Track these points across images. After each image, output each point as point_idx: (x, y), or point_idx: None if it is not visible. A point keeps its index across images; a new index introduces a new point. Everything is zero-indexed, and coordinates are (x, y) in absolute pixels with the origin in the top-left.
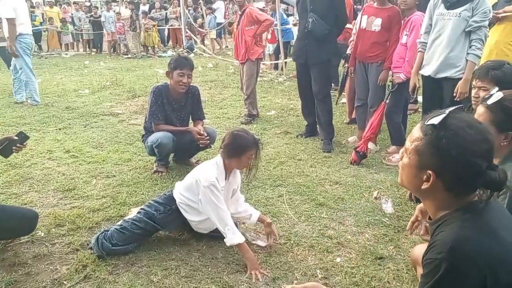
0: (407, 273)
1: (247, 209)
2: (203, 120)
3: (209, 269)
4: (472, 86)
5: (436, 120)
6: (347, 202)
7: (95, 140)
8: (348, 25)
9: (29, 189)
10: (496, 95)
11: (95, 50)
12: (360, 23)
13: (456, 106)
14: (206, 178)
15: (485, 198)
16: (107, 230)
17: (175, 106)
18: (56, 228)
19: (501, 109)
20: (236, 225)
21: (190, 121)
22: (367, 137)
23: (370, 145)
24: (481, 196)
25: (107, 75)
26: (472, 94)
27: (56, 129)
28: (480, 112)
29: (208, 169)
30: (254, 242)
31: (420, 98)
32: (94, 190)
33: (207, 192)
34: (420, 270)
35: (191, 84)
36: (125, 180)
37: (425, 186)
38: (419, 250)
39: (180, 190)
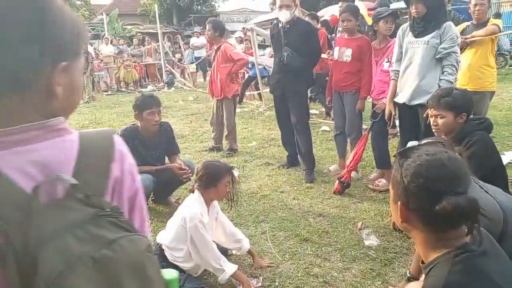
0: None
1: (235, 233)
2: (178, 154)
3: None
4: (429, 115)
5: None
6: (332, 235)
7: None
8: (323, 55)
9: None
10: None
11: None
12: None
13: (430, 139)
14: (191, 216)
15: (471, 233)
16: None
17: (149, 146)
18: None
19: None
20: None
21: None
22: (351, 167)
23: (353, 173)
24: (472, 236)
25: (86, 114)
26: (431, 123)
27: None
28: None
29: (190, 207)
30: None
31: (398, 122)
32: None
33: (195, 231)
34: None
35: (162, 121)
36: None
37: (400, 219)
38: None
39: (166, 242)
